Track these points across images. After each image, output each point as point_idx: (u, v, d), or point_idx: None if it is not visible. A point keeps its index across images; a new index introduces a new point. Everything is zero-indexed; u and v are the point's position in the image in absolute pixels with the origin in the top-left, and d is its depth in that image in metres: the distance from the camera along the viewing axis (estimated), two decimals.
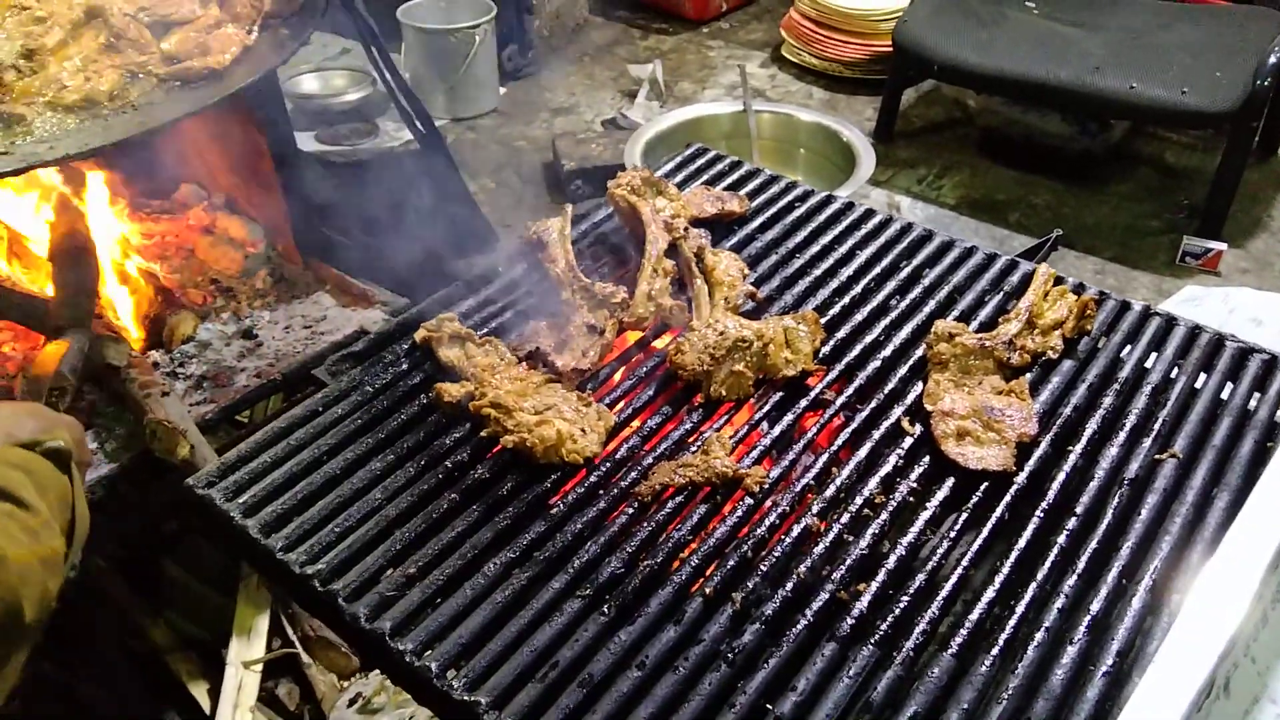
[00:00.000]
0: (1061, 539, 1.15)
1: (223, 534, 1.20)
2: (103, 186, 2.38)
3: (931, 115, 3.45)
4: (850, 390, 1.34)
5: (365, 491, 1.20)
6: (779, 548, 1.13)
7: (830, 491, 1.20)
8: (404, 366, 1.39)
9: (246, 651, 1.99)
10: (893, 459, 1.24)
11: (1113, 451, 1.26)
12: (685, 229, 1.56)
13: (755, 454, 1.24)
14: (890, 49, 3.25)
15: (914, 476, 1.23)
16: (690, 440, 1.27)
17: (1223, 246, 2.83)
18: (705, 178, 1.78)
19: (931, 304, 1.49)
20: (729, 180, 1.78)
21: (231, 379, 2.11)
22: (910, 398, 1.33)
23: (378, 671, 1.98)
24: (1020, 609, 1.07)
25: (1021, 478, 1.23)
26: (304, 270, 2.40)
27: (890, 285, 1.53)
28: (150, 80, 1.90)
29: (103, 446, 1.99)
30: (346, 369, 1.41)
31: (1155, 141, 3.34)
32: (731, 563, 1.11)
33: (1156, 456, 1.25)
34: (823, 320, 1.43)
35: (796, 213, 1.69)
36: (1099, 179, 3.15)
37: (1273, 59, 2.68)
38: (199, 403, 2.06)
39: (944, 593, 1.09)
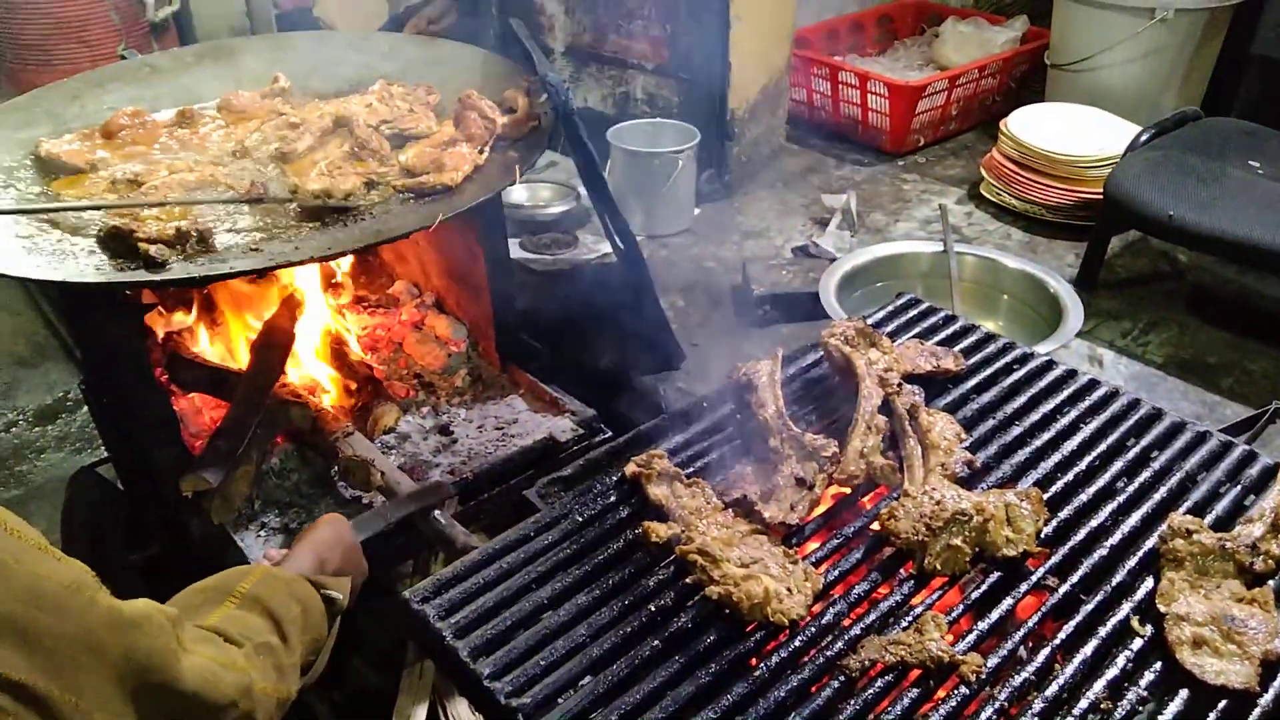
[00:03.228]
0: None
1: (431, 649, 1.23)
2: (327, 280, 2.55)
3: (1137, 267, 3.32)
4: (1075, 578, 1.27)
5: (570, 626, 1.21)
6: None
7: (1052, 690, 1.13)
8: (612, 499, 1.41)
9: None
10: (1121, 661, 1.17)
11: None
12: (899, 385, 1.54)
13: (971, 639, 1.19)
14: (1097, 195, 3.17)
15: (1144, 683, 1.15)
16: (900, 613, 1.23)
17: None
18: (916, 330, 1.76)
19: (1162, 491, 1.41)
20: (942, 335, 1.75)
21: (426, 473, 2.19)
22: (1140, 594, 1.25)
23: None
24: None
25: (1267, 700, 1.13)
26: (500, 373, 2.49)
27: (1117, 465, 1.46)
28: (388, 189, 2.04)
29: (301, 525, 2.10)
30: (556, 493, 1.44)
31: None
32: None
33: None
34: (1044, 497, 1.37)
35: (1015, 376, 1.65)
36: None
37: None
38: None
39: None
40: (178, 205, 1.93)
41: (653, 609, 1.23)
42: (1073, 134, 3.48)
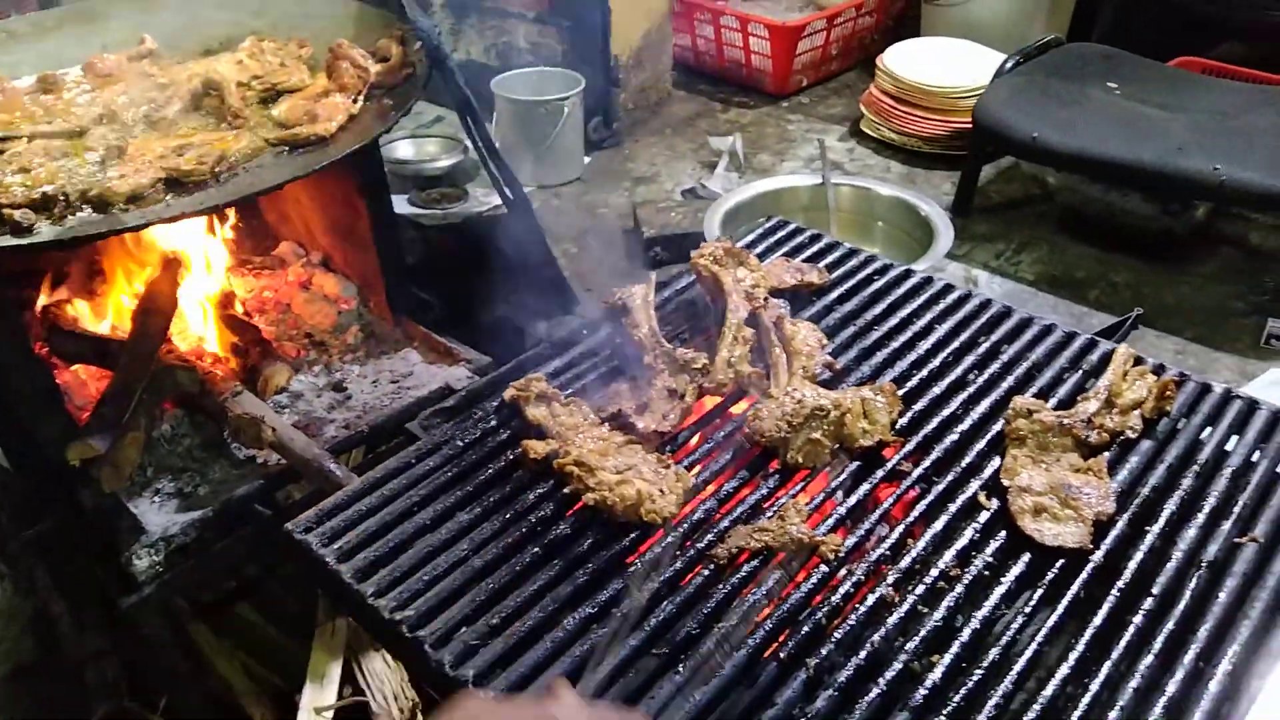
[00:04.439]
0: (1138, 619, 1.15)
1: (316, 577, 1.26)
2: (210, 242, 2.52)
3: (1010, 191, 3.47)
4: (927, 463, 1.36)
5: (453, 542, 1.25)
6: (853, 616, 1.15)
7: (905, 562, 1.21)
8: (492, 423, 1.45)
9: (319, 697, 2.04)
10: (969, 532, 1.26)
11: (1191, 533, 1.26)
12: (765, 299, 1.61)
13: (830, 522, 1.27)
14: (969, 125, 3.28)
15: (990, 551, 1.24)
16: (766, 505, 1.30)
17: None
18: (785, 249, 1.83)
19: (1010, 380, 1.51)
20: (809, 252, 1.82)
21: (321, 429, 2.19)
22: (987, 472, 1.34)
23: None
24: (1094, 688, 1.07)
25: (1098, 556, 1.23)
26: (394, 328, 2.49)
27: (968, 360, 1.55)
28: (260, 145, 2.02)
29: (196, 490, 2.09)
30: (438, 424, 1.48)
31: (1239, 222, 3.29)
32: (806, 629, 1.13)
33: (1236, 540, 1.25)
34: (900, 392, 1.45)
35: (875, 285, 1.73)
36: (1180, 259, 3.11)
37: None
38: None
39: (1017, 668, 1.10)
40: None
41: (533, 520, 1.28)
42: (946, 67, 3.59)
